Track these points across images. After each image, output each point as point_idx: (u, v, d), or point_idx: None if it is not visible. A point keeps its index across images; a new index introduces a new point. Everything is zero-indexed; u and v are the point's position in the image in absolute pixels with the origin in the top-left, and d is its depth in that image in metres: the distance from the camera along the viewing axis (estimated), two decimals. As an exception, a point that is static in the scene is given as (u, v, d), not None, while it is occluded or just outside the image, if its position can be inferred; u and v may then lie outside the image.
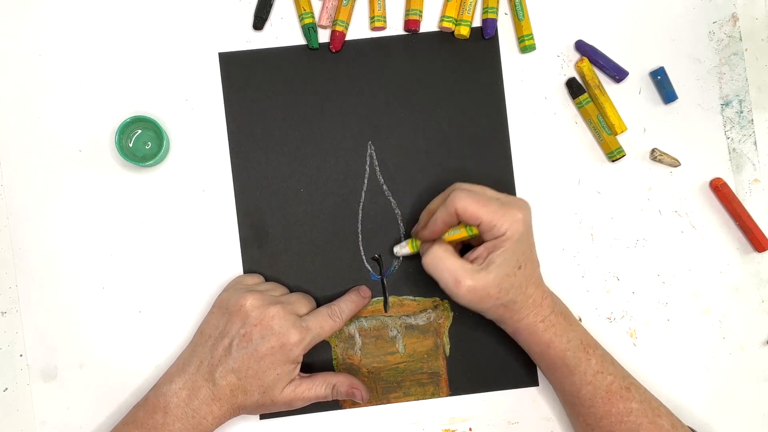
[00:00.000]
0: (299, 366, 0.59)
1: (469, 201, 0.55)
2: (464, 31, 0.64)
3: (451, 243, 0.58)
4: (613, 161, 0.64)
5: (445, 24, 0.64)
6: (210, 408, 0.57)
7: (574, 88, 0.64)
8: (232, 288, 0.61)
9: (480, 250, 0.56)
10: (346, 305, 0.61)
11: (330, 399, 0.60)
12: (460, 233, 0.57)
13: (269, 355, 0.57)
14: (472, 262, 0.56)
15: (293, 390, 0.58)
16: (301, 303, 0.60)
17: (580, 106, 0.64)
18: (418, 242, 0.61)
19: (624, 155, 0.64)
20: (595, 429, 0.57)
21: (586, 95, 0.64)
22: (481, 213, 0.55)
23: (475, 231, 0.56)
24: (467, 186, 0.58)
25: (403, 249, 0.62)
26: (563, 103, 0.65)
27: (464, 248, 0.61)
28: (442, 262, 0.56)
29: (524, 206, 0.56)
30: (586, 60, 0.64)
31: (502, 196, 0.57)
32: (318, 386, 0.59)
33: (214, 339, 0.58)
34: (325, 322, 0.59)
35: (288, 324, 0.57)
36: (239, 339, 0.57)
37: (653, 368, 0.64)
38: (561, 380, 0.58)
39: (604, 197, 0.65)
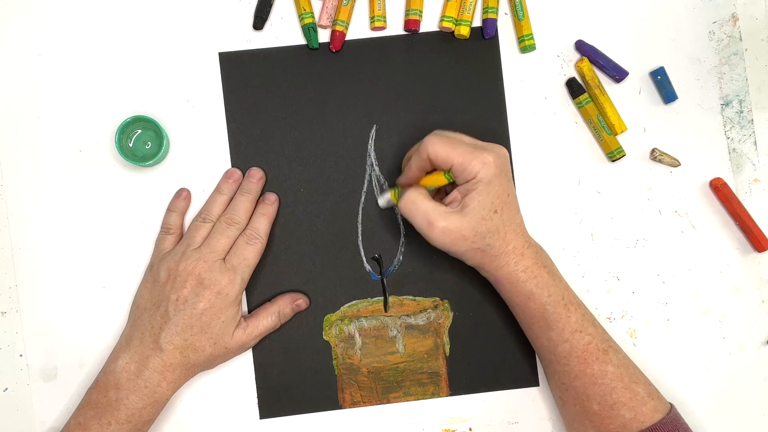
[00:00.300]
0: (240, 307, 0.60)
1: (440, 145, 0.55)
2: (464, 31, 0.64)
3: (430, 188, 0.58)
4: (613, 161, 0.64)
5: (445, 24, 0.64)
6: (162, 375, 0.57)
7: (574, 88, 0.64)
8: (154, 257, 0.62)
9: (454, 194, 0.56)
10: (259, 222, 0.61)
11: (278, 326, 0.62)
12: (436, 178, 0.57)
13: (208, 308, 0.58)
14: (447, 205, 0.56)
15: (243, 333, 0.60)
16: (220, 243, 0.60)
17: (580, 106, 0.64)
18: (394, 191, 0.61)
19: (624, 155, 0.64)
20: (569, 389, 0.57)
21: (586, 95, 0.64)
22: (452, 156, 0.55)
23: (451, 177, 0.56)
24: (442, 132, 0.58)
25: (385, 198, 0.62)
26: (563, 103, 0.65)
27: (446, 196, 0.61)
28: (415, 205, 0.56)
29: (498, 150, 0.56)
30: (586, 60, 0.64)
31: (479, 142, 0.58)
32: (264, 319, 0.61)
33: (151, 310, 0.59)
34: (246, 251, 0.60)
35: (214, 272, 0.58)
36: (174, 303, 0.58)
37: (653, 368, 0.64)
38: (539, 335, 0.58)
39: (604, 197, 0.65)
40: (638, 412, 0.55)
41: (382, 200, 0.62)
